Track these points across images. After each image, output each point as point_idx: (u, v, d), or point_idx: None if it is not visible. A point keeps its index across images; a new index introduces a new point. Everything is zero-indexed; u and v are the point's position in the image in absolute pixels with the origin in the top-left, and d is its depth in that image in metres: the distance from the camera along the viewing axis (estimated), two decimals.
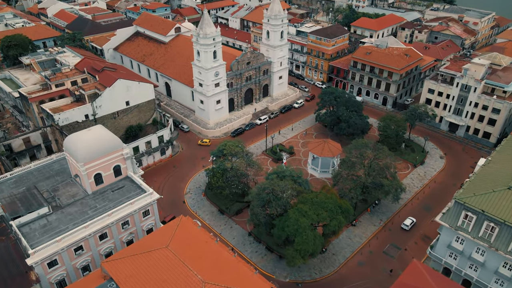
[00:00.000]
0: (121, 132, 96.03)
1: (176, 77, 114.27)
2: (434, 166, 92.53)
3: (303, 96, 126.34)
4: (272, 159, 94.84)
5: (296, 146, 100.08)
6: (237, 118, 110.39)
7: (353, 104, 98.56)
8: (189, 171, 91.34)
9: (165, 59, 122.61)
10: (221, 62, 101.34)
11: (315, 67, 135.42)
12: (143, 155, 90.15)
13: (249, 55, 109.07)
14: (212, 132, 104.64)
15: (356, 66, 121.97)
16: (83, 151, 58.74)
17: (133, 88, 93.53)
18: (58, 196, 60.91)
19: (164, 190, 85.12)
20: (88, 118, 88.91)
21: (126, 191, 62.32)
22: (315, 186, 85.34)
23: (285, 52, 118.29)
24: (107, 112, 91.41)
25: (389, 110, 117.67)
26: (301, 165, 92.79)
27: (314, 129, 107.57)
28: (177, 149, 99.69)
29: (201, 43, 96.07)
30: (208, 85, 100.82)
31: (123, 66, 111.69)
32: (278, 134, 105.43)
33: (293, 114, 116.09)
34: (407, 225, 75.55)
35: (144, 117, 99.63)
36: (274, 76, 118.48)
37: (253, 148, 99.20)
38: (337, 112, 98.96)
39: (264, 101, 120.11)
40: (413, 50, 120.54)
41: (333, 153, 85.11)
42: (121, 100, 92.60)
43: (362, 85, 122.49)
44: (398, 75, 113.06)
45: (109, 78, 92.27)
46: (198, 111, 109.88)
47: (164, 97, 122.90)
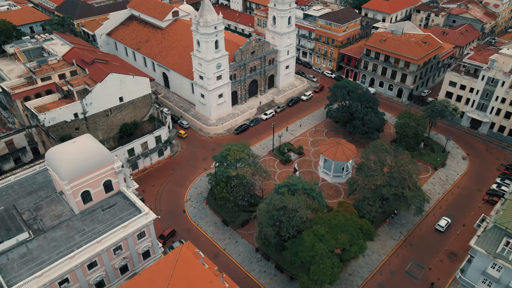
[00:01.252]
0: (115, 131, 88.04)
1: (174, 67, 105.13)
2: (456, 169, 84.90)
3: (311, 87, 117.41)
4: (279, 161, 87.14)
5: (305, 145, 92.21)
6: (240, 113, 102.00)
7: (368, 100, 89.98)
8: (189, 174, 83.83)
9: (162, 46, 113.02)
10: (224, 52, 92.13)
11: (324, 55, 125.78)
12: (139, 157, 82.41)
13: (253, 43, 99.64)
14: (214, 129, 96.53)
15: (369, 55, 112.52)
16: (68, 168, 51.00)
17: (127, 83, 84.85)
18: (41, 216, 53.61)
19: (162, 197, 77.89)
20: (78, 117, 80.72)
21: (119, 210, 54.95)
22: (327, 192, 78.28)
23: (292, 39, 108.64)
24: (99, 110, 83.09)
25: (404, 103, 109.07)
26: (311, 168, 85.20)
27: (325, 125, 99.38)
28: (176, 148, 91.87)
29: (201, 32, 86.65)
30: (209, 78, 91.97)
31: (116, 56, 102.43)
32: (285, 131, 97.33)
33: (301, 107, 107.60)
34: (442, 227, 70.04)
35: (140, 114, 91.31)
36: (280, 66, 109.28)
37: (258, 148, 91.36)
38: (350, 108, 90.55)
39: (270, 93, 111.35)
40: (431, 37, 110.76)
41: (348, 157, 77.36)
42: (113, 96, 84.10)
43: (375, 75, 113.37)
44: (416, 66, 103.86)
45: (100, 71, 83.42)
46: (198, 106, 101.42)
47: (161, 88, 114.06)
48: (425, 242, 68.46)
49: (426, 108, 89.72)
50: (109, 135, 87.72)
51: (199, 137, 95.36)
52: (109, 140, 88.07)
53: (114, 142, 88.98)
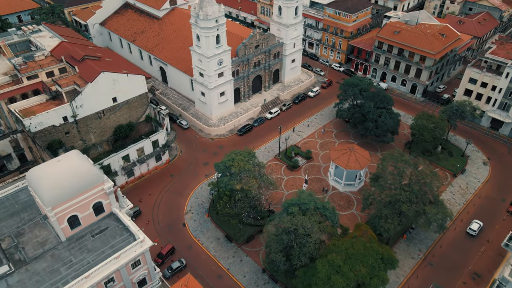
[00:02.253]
0: (109, 133, 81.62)
1: (172, 62, 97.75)
2: (477, 175, 78.78)
3: (318, 82, 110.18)
4: (286, 166, 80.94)
5: (314, 148, 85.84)
6: (244, 112, 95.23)
7: (382, 99, 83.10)
8: (189, 181, 77.78)
9: (159, 38, 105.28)
10: (226, 47, 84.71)
11: (332, 46, 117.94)
12: (134, 164, 76.18)
13: (257, 37, 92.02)
14: (216, 130, 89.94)
15: (381, 47, 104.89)
16: (51, 192, 44.87)
17: (120, 82, 77.93)
18: (23, 244, 47.79)
19: (160, 208, 72.08)
20: (68, 121, 74.20)
21: (110, 235, 49.10)
22: (339, 203, 72.46)
23: (299, 31, 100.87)
24: (90, 112, 76.52)
25: (418, 99, 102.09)
26: (320, 174, 79.09)
27: (334, 126, 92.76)
28: (175, 152, 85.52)
29: (201, 26, 79.08)
30: (210, 75, 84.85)
31: (110, 50, 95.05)
32: (292, 132, 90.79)
33: (308, 104, 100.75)
34: (474, 230, 66.07)
35: (136, 114, 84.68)
36: (286, 59, 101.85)
37: (263, 151, 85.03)
38: (363, 109, 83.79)
39: (275, 88, 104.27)
40: (449, 28, 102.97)
41: (361, 165, 71.17)
42: (106, 97, 77.36)
43: (387, 69, 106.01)
44: (432, 60, 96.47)
45: (90, 70, 76.38)
46: (198, 104, 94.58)
47: (159, 84, 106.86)
48: (447, 261, 62.97)
49: (444, 109, 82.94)
50: (103, 138, 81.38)
51: (200, 139, 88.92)
52: (102, 144, 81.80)
53: (108, 146, 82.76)
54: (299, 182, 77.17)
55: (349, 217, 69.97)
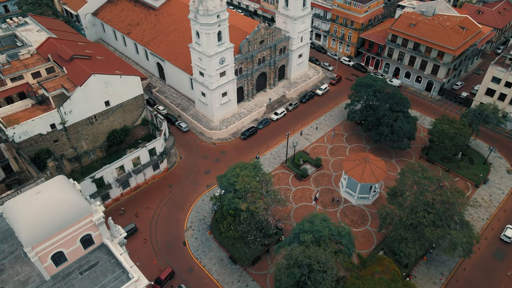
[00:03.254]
0: (102, 139, 75.36)
1: (170, 58, 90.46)
2: (501, 186, 72.85)
3: (326, 77, 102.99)
4: (294, 175, 74.94)
5: (323, 154, 79.66)
6: (247, 112, 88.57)
7: (398, 102, 76.38)
8: (189, 193, 71.96)
9: (156, 31, 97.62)
10: (228, 44, 77.44)
11: (341, 38, 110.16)
12: (130, 175, 70.17)
13: (262, 31, 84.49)
14: (217, 133, 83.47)
15: (395, 41, 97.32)
16: (30, 230, 38.96)
17: (113, 84, 71.21)
18: (3, 283, 42.22)
19: (158, 224, 66.50)
20: (56, 128, 67.85)
21: (101, 272, 43.46)
22: (351, 218, 66.81)
23: (307, 24, 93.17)
24: (81, 118, 70.10)
25: (434, 98, 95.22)
26: (331, 184, 73.17)
27: (344, 128, 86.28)
28: (174, 158, 79.37)
29: (201, 23, 71.64)
30: (212, 75, 77.87)
31: (101, 46, 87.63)
32: (299, 135, 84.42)
33: (317, 103, 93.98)
34: (509, 237, 62.04)
35: (131, 118, 78.20)
36: (293, 55, 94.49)
37: (269, 158, 78.88)
38: (377, 112, 77.17)
39: (280, 86, 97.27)
40: (469, 20, 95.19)
41: (377, 178, 65.17)
42: (98, 101, 70.79)
43: (401, 65, 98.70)
44: (451, 57, 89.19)
45: (80, 71, 69.50)
46: (199, 105, 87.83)
47: (156, 80, 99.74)
48: (472, 286, 57.68)
49: (466, 113, 76.28)
50: (95, 145, 75.17)
51: (200, 143, 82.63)
52: (95, 150, 75.63)
53: (101, 152, 76.61)
54: (308, 193, 71.37)
55: (364, 234, 64.47)
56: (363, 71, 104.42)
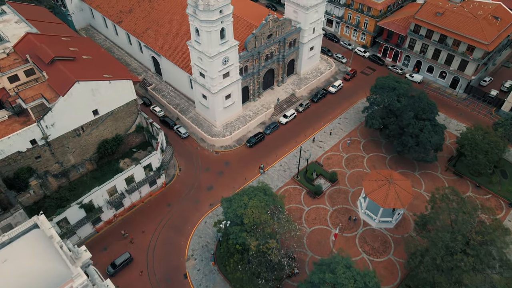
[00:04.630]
0: (92, 151, 67.27)
1: (167, 53, 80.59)
2: None
3: (340, 71, 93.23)
4: (307, 191, 67.26)
5: (338, 165, 71.63)
6: (253, 115, 79.76)
7: (424, 108, 67.54)
8: (190, 213, 64.55)
9: (150, 20, 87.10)
10: (232, 42, 67.70)
11: (356, 26, 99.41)
12: (123, 196, 62.46)
13: (270, 24, 74.30)
14: (220, 141, 75.04)
15: (418, 32, 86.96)
16: None
17: (102, 91, 62.32)
18: None
19: (156, 252, 59.50)
20: (37, 144, 59.56)
21: None
22: (372, 245, 59.72)
23: (321, 13, 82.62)
24: (66, 131, 61.77)
25: (460, 96, 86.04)
26: (348, 203, 65.62)
27: (361, 133, 77.75)
28: (172, 170, 71.44)
29: (201, 19, 61.63)
30: (214, 78, 68.62)
31: (89, 40, 77.50)
32: (312, 142, 76.07)
33: (330, 103, 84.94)
34: None
35: (124, 125, 69.73)
36: (303, 48, 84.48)
37: (278, 170, 70.93)
38: (400, 119, 68.49)
39: (289, 82, 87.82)
40: (502, 8, 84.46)
41: (403, 202, 57.46)
42: (85, 110, 62.18)
43: (423, 58, 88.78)
44: (482, 52, 79.31)
45: (62, 78, 60.36)
46: (199, 107, 78.91)
47: (151, 76, 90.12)
48: None
49: (503, 122, 67.56)
50: (84, 157, 67.16)
51: (201, 152, 74.43)
52: (84, 163, 67.68)
53: (91, 164, 68.70)
54: (323, 214, 63.96)
55: (386, 265, 57.56)
56: (380, 64, 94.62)
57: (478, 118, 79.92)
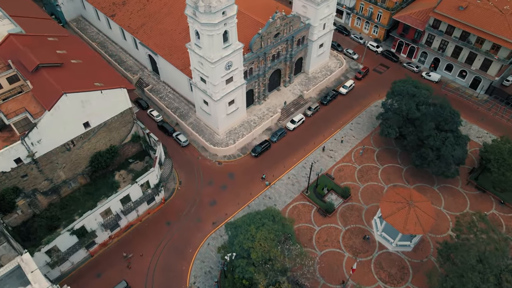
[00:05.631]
0: (84, 164, 61.95)
1: (164, 53, 73.95)
2: None
3: (351, 69, 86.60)
4: (317, 209, 62.30)
5: (351, 178, 66.41)
6: (259, 120, 73.93)
7: (447, 118, 61.73)
8: (192, 233, 59.83)
9: (146, 14, 79.93)
10: (236, 45, 61.16)
11: (368, 18, 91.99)
12: (119, 217, 57.52)
13: (278, 23, 67.44)
14: (223, 150, 69.49)
15: (437, 27, 79.90)
16: None
17: (93, 102, 56.43)
18: None
19: (156, 279, 55.08)
20: (23, 162, 54.15)
21: None
22: (388, 271, 55.25)
23: (332, 7, 75.45)
24: (54, 146, 56.19)
25: (481, 98, 79.87)
26: (362, 221, 60.77)
27: (375, 141, 72.17)
28: (172, 184, 66.28)
29: (201, 22, 54.90)
30: (216, 84, 62.46)
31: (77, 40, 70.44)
32: (322, 151, 70.60)
33: (340, 105, 78.90)
34: None
35: (118, 136, 64.11)
36: (313, 46, 77.69)
37: (285, 183, 65.77)
38: (419, 130, 62.76)
39: (296, 83, 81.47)
40: None
41: (424, 228, 52.57)
42: (74, 123, 56.47)
43: (442, 55, 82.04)
44: (509, 51, 72.66)
45: (48, 88, 54.30)
46: (200, 113, 72.98)
47: (148, 75, 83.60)
48: None
49: None
50: (76, 172, 61.91)
51: (203, 162, 69.08)
52: (76, 178, 62.49)
53: (84, 179, 63.51)
54: (335, 234, 59.23)
55: None
56: (394, 60, 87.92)
57: (501, 124, 74.19)
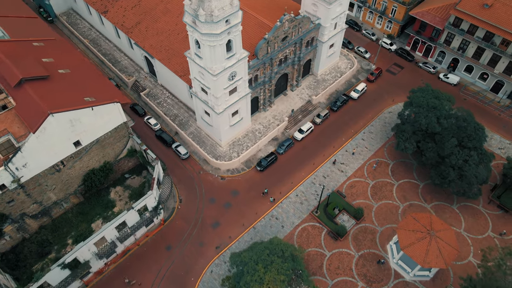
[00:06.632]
0: (77, 183, 57.50)
1: (162, 57, 67.88)
2: None
3: (362, 69, 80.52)
4: (328, 232, 58.02)
5: (364, 196, 61.83)
6: (264, 130, 68.70)
7: (471, 135, 56.54)
8: (193, 258, 55.74)
9: (141, 12, 73.31)
10: (241, 54, 55.25)
11: (382, 13, 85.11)
12: (115, 245, 53.28)
13: (286, 25, 61.16)
14: (226, 164, 64.56)
15: (458, 25, 73.43)
16: None
17: (83, 120, 51.32)
18: None
19: None
20: (7, 188, 49.46)
21: None
22: None
23: (345, 5, 68.83)
24: (41, 169, 51.37)
25: (503, 103, 74.24)
26: (376, 246, 56.60)
27: (389, 153, 67.18)
28: (172, 202, 61.75)
29: (202, 32, 48.84)
30: (218, 97, 56.92)
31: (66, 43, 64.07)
32: (332, 164, 65.74)
33: (351, 112, 73.42)
34: None
35: (113, 152, 59.21)
36: (323, 47, 71.52)
37: (293, 201, 61.24)
38: (440, 146, 57.67)
39: (304, 86, 75.70)
40: None
41: (447, 261, 48.35)
42: (63, 144, 51.51)
43: (462, 56, 75.89)
44: None
45: (32, 107, 49.00)
46: (201, 122, 67.65)
47: (144, 77, 77.65)
48: None
49: None
50: (68, 191, 57.41)
51: (205, 177, 64.36)
52: (69, 198, 58.02)
53: (77, 198, 59.08)
54: (347, 260, 55.20)
55: None
56: (409, 60, 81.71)
57: None
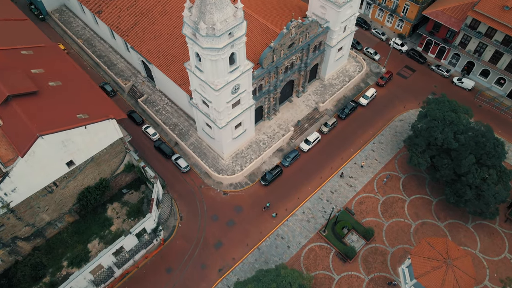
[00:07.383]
0: (71, 202, 54.53)
1: (160, 63, 63.70)
2: None
3: (372, 72, 76.35)
4: (336, 253, 55.22)
5: (373, 213, 58.79)
6: (269, 141, 65.16)
7: (490, 152, 53.07)
8: (195, 282, 53.03)
9: (137, 13, 68.74)
10: (245, 67, 51.27)
11: (392, 11, 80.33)
12: (112, 271, 50.51)
13: (293, 32, 56.85)
14: (229, 178, 61.27)
15: (475, 28, 68.98)
16: None
17: (75, 139, 47.93)
18: None
19: None
20: None
21: None
22: None
23: (355, 7, 64.32)
24: (32, 192, 48.20)
25: None
26: (387, 269, 53.89)
27: (400, 166, 63.81)
28: (172, 221, 58.73)
29: (203, 47, 44.74)
30: (220, 111, 53.17)
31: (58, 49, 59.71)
32: (340, 177, 62.49)
33: (360, 119, 69.71)
34: None
35: (109, 168, 55.93)
36: (331, 51, 67.27)
37: (300, 218, 58.25)
38: (456, 163, 54.25)
39: (311, 92, 71.75)
40: None
41: None
42: (55, 165, 48.24)
43: (478, 59, 71.67)
44: None
45: (20, 128, 45.45)
46: (202, 134, 64.00)
47: (142, 82, 73.56)
48: None
49: None
50: (63, 211, 54.45)
51: (206, 192, 61.19)
52: (63, 218, 55.04)
53: (72, 216, 56.12)
54: (357, 284, 52.58)
55: None
56: (421, 62, 77.46)
57: None
